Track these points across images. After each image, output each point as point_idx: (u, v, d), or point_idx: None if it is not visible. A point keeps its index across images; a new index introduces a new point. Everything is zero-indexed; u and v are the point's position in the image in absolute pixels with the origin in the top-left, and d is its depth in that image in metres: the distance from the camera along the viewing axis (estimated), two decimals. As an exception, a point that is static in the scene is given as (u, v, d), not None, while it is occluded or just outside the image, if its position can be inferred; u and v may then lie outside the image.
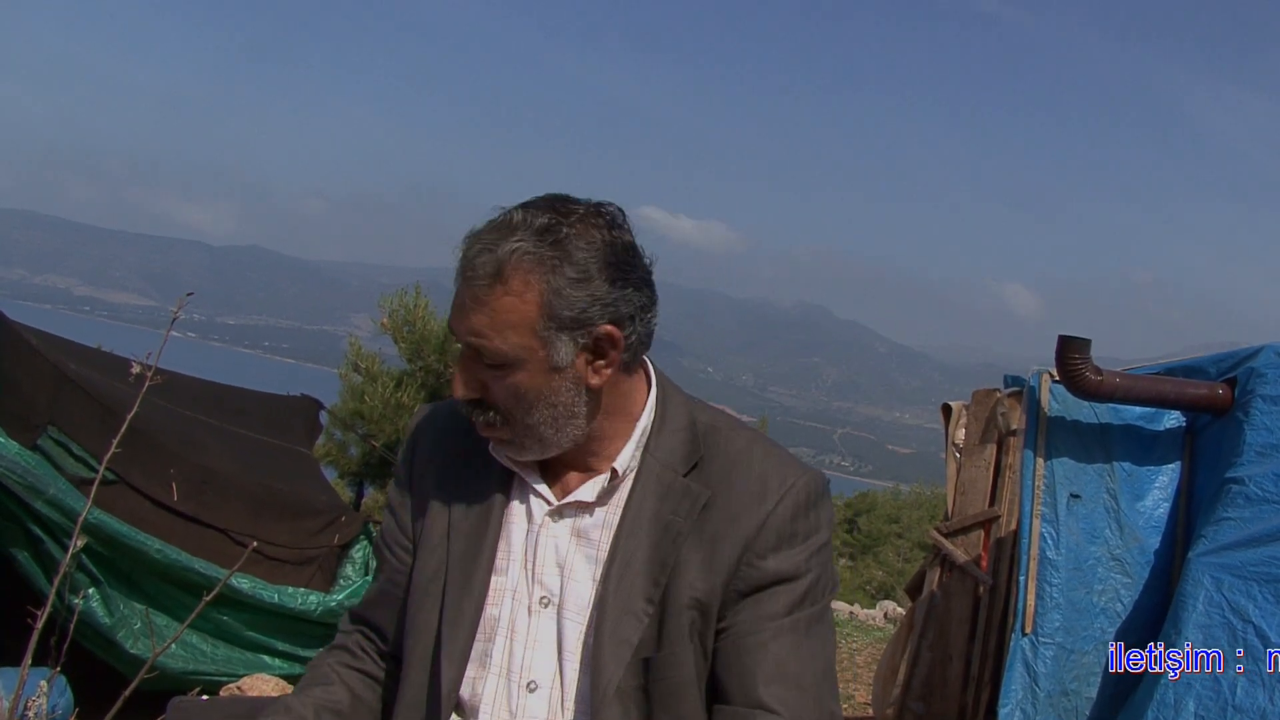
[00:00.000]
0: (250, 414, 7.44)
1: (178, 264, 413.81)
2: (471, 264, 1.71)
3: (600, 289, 1.72)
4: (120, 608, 5.22)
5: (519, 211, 1.72)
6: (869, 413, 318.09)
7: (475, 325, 1.71)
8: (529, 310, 1.70)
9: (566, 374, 1.75)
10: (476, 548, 1.88)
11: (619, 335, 1.76)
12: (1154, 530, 4.69)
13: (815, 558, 1.81)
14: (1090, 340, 4.38)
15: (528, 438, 1.80)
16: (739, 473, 1.83)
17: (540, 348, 1.72)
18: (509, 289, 1.69)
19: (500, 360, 1.73)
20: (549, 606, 1.85)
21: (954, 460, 5.45)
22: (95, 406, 5.49)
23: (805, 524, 1.81)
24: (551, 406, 1.76)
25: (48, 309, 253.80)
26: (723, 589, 1.78)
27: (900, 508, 33.41)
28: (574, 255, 1.70)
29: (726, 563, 1.78)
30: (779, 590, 1.78)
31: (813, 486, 1.84)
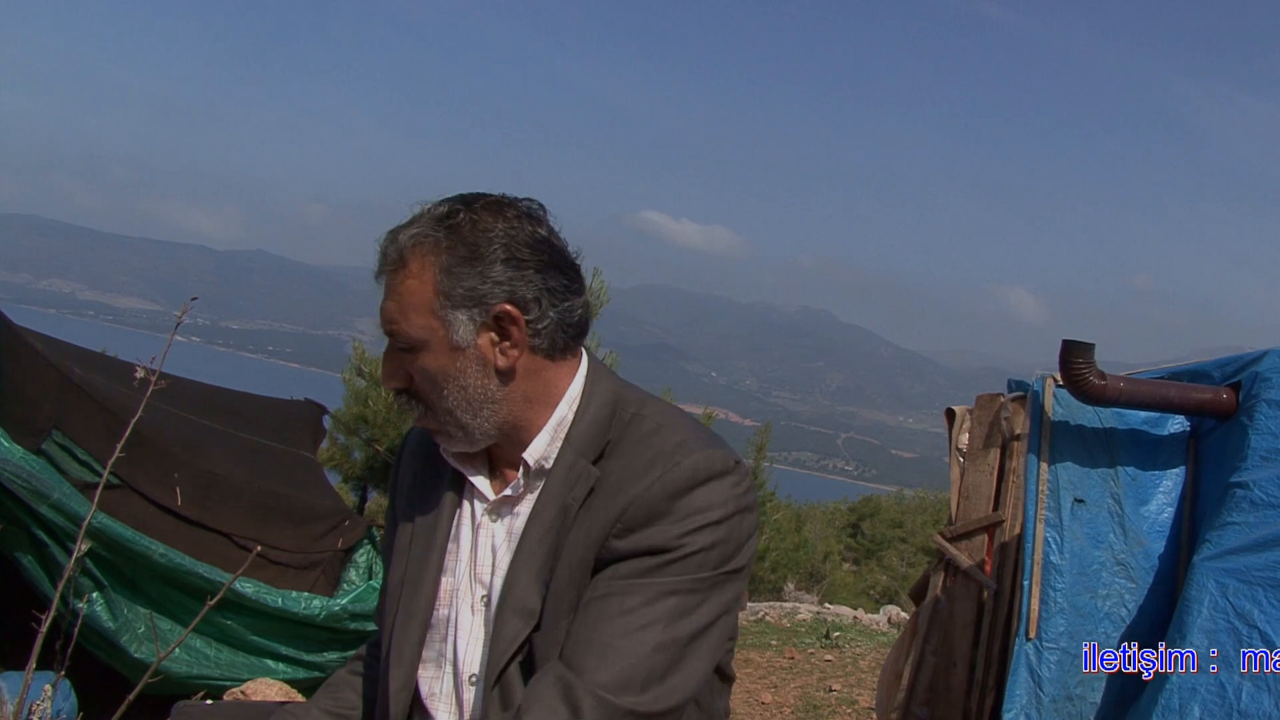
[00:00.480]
0: (254, 418, 7.44)
1: (182, 269, 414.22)
2: (382, 255, 1.81)
3: (494, 269, 1.78)
4: (124, 612, 5.22)
5: (425, 205, 1.83)
6: (873, 417, 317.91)
7: (387, 312, 1.81)
8: (426, 290, 1.77)
9: (469, 354, 1.81)
10: (427, 551, 1.94)
11: (518, 314, 1.80)
12: (1158, 535, 4.69)
13: (695, 536, 1.78)
14: (1094, 345, 4.37)
15: (449, 424, 1.85)
16: (635, 453, 1.84)
17: (440, 327, 1.78)
18: (409, 272, 1.78)
19: (409, 343, 1.80)
20: (489, 604, 1.89)
21: (957, 465, 5.45)
22: (100, 411, 5.49)
23: (685, 502, 1.78)
24: (461, 389, 1.82)
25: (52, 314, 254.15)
26: (594, 562, 1.81)
27: (904, 512, 33.41)
28: (466, 237, 1.78)
29: (598, 537, 1.81)
30: (643, 559, 1.78)
31: (701, 466, 1.81)
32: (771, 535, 19.40)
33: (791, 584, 19.54)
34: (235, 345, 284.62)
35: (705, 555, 1.78)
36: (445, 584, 1.94)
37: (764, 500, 19.12)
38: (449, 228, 1.78)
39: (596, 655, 1.72)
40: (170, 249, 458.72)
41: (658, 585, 1.76)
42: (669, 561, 1.77)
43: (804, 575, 21.67)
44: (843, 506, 35.11)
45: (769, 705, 8.56)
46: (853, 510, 34.28)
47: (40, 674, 3.85)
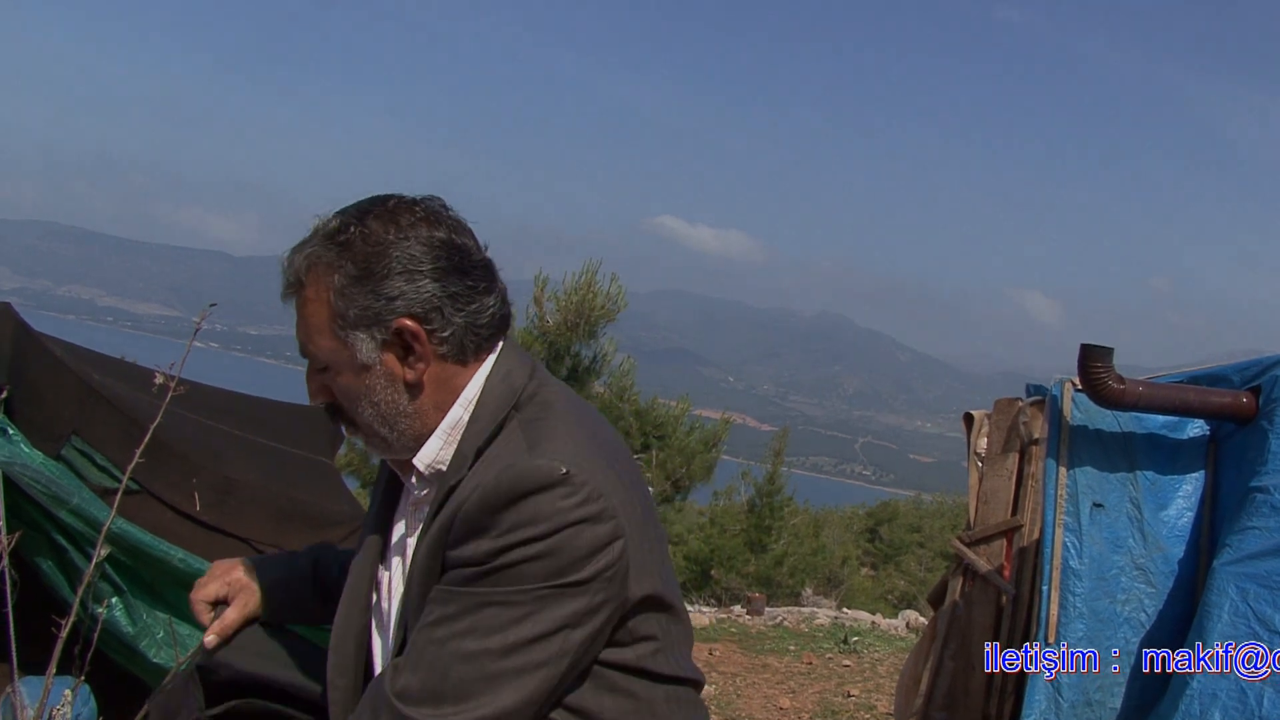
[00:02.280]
0: (272, 424, 7.46)
1: (200, 274, 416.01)
2: (283, 276, 1.80)
3: (387, 284, 1.73)
4: (143, 617, 5.23)
5: (323, 219, 1.77)
6: (890, 422, 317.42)
7: (297, 332, 1.82)
8: (323, 312, 1.76)
9: (377, 371, 1.78)
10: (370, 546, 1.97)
11: (419, 329, 1.76)
12: (1178, 539, 4.67)
13: (516, 550, 1.69)
14: (1113, 349, 4.36)
15: (370, 437, 1.86)
16: (486, 461, 1.79)
17: (343, 348, 1.77)
18: (306, 296, 1.78)
19: (320, 363, 1.81)
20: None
21: (976, 469, 5.43)
22: (119, 417, 5.51)
23: (504, 516, 1.69)
24: (373, 405, 1.80)
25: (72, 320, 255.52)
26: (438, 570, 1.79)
27: (922, 517, 33.38)
28: (357, 253, 1.73)
29: (437, 545, 1.78)
30: (459, 571, 1.73)
31: (523, 479, 1.71)
32: (789, 540, 19.39)
33: (809, 589, 19.52)
34: (253, 350, 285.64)
35: (528, 567, 1.69)
36: (383, 578, 1.95)
37: (782, 505, 19.10)
38: (340, 245, 1.74)
39: (408, 663, 1.69)
40: (188, 255, 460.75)
41: (476, 595, 1.70)
42: (487, 572, 1.70)
43: (822, 580, 21.64)
44: (860, 511, 35.07)
45: (787, 710, 8.55)
46: (870, 515, 34.24)
47: (60, 679, 3.87)
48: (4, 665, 4.64)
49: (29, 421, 5.11)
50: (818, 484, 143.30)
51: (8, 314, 5.26)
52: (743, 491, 19.21)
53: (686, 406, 14.14)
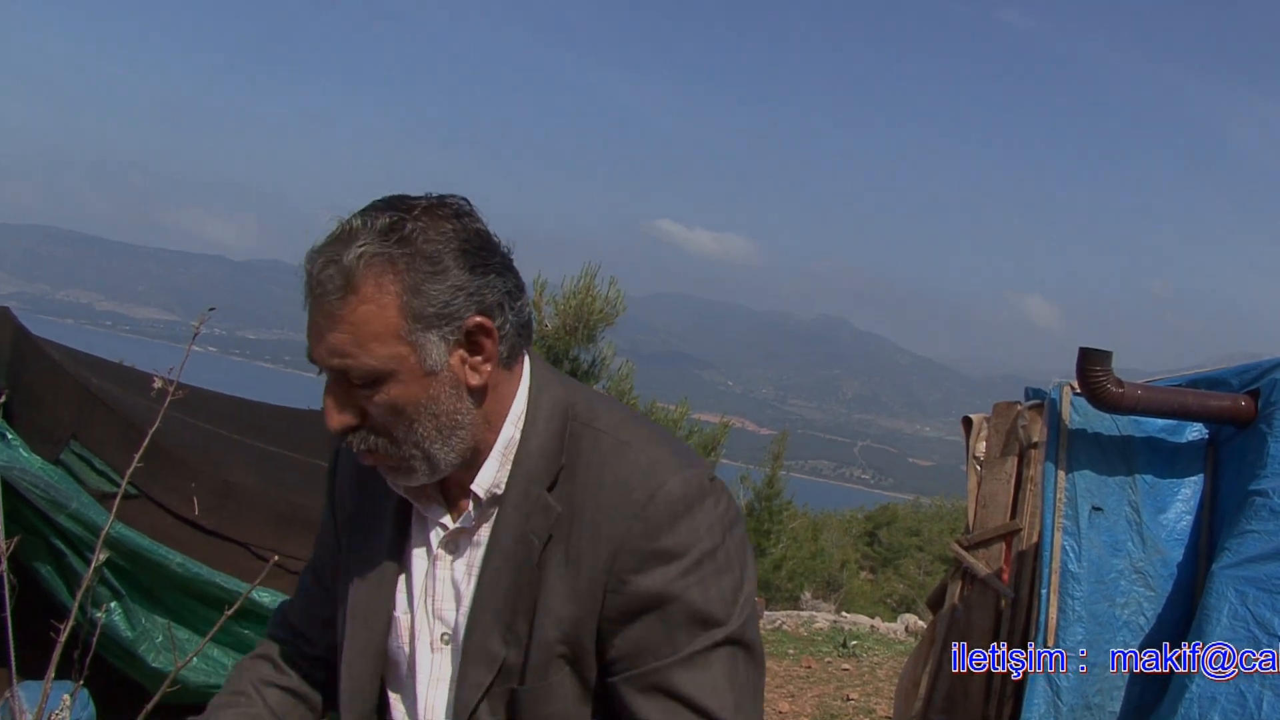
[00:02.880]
0: (271, 428, 7.46)
1: (199, 279, 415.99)
2: (317, 281, 1.58)
3: (460, 278, 1.59)
4: (142, 621, 5.23)
5: (357, 218, 1.60)
6: (890, 425, 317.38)
7: (335, 345, 1.57)
8: (389, 315, 1.56)
9: (443, 377, 1.61)
10: (377, 585, 1.79)
11: (491, 325, 1.62)
12: (1177, 543, 4.67)
13: (695, 573, 1.61)
14: (1111, 352, 4.36)
15: (414, 458, 1.65)
16: (604, 481, 1.65)
17: (410, 353, 1.58)
18: (363, 297, 1.56)
19: (371, 377, 1.58)
20: (450, 643, 1.74)
21: (975, 473, 5.44)
22: (118, 421, 5.51)
23: (675, 537, 1.61)
24: (434, 417, 1.62)
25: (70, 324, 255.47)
26: (592, 618, 1.63)
27: (921, 520, 33.39)
28: (424, 248, 1.58)
29: (590, 589, 1.63)
30: (656, 616, 1.61)
31: (680, 491, 1.63)
32: (788, 544, 19.39)
33: (809, 592, 19.52)
34: (252, 355, 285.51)
35: (715, 594, 1.63)
36: (402, 621, 1.77)
37: (781, 509, 19.10)
38: (401, 240, 1.57)
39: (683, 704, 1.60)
40: (187, 259, 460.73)
41: (700, 645, 1.61)
42: (690, 611, 1.61)
43: (821, 584, 21.65)
44: (860, 515, 35.08)
45: (786, 714, 8.55)
46: (870, 519, 34.24)
47: (59, 683, 3.87)
48: (3, 670, 4.63)
49: (28, 426, 5.11)
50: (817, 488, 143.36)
51: (6, 318, 5.27)
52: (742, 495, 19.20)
53: (686, 410, 14.14)
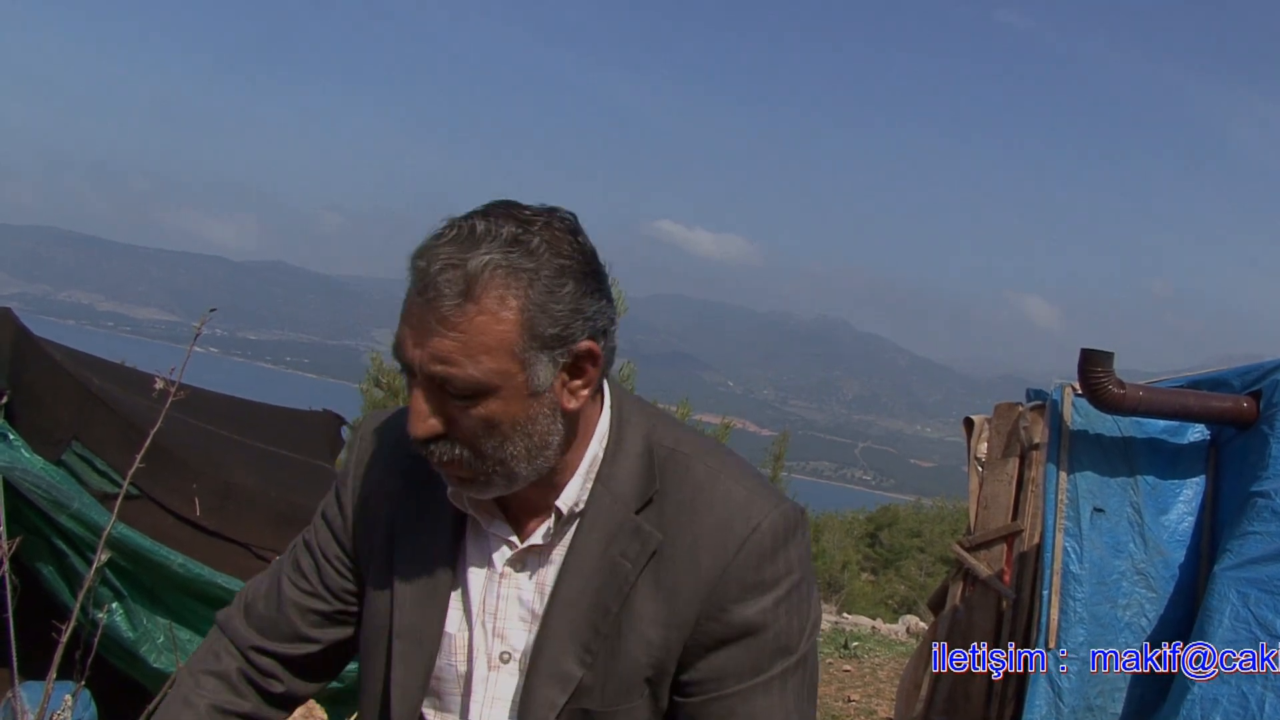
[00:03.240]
0: (272, 429, 7.46)
1: (200, 279, 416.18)
2: (433, 282, 1.49)
3: (579, 300, 1.54)
4: (144, 622, 5.24)
5: (479, 220, 1.52)
6: (890, 426, 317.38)
7: (442, 351, 1.50)
8: (506, 330, 1.50)
9: (544, 399, 1.56)
10: (429, 599, 1.72)
11: (599, 351, 1.58)
12: (1179, 544, 4.67)
13: (786, 603, 1.63)
14: (1113, 353, 4.36)
15: (496, 474, 1.59)
16: (699, 511, 1.65)
17: (519, 371, 1.52)
18: (482, 307, 1.49)
19: (472, 389, 1.51)
20: (510, 662, 1.70)
21: (976, 474, 5.43)
22: (119, 422, 5.52)
23: (773, 568, 1.62)
24: (527, 437, 1.57)
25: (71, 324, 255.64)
26: (682, 643, 1.63)
27: (922, 522, 33.39)
28: (549, 265, 1.52)
29: (686, 616, 1.62)
30: (747, 644, 1.63)
31: (782, 524, 1.64)
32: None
33: (810, 594, 19.53)
34: (253, 356, 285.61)
35: (800, 623, 1.66)
36: (456, 638, 1.72)
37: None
38: (527, 253, 1.50)
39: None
40: (188, 260, 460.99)
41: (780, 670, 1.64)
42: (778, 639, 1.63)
43: (822, 585, 21.65)
44: (861, 516, 35.08)
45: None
46: (871, 520, 34.24)
47: (60, 684, 3.87)
48: (5, 670, 4.63)
49: (29, 426, 5.11)
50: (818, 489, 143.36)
51: (8, 319, 5.27)
52: (743, 497, 19.21)
53: (687, 411, 14.14)
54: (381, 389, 11.26)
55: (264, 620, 1.86)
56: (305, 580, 1.85)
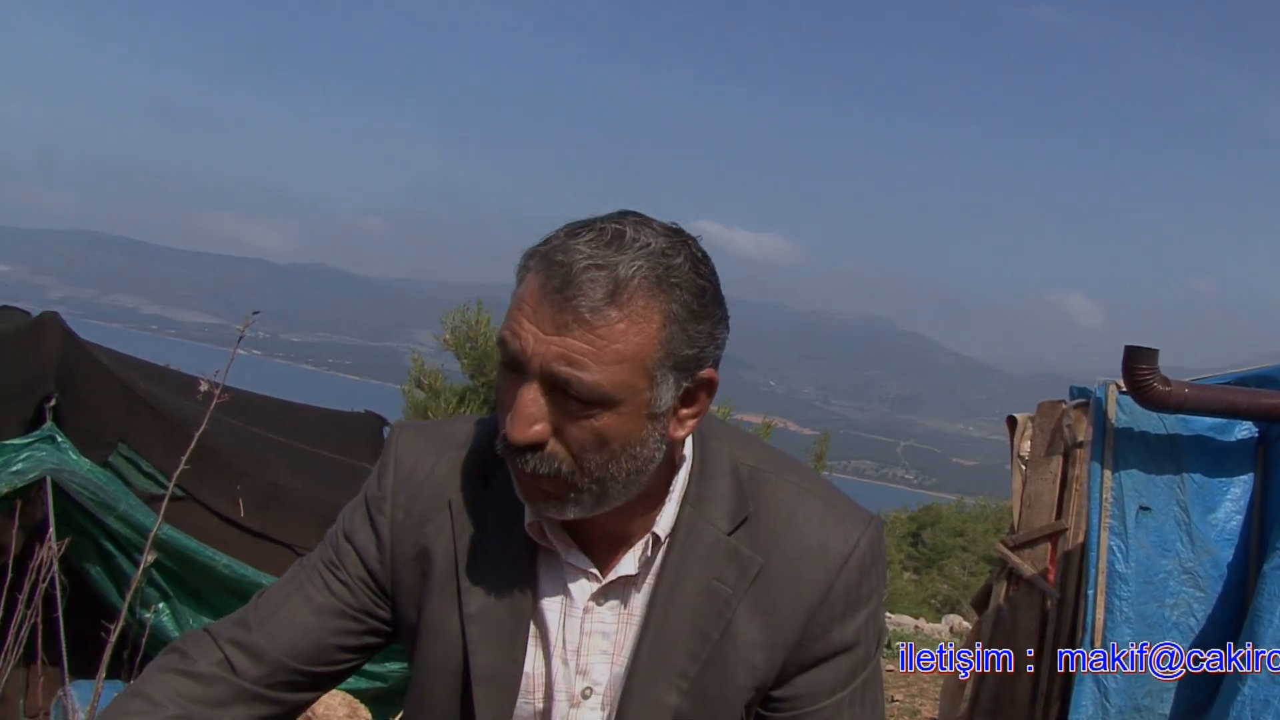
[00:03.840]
0: (315, 430, 7.51)
1: (242, 283, 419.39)
2: (576, 279, 1.39)
3: (715, 327, 1.48)
4: (189, 622, 5.29)
5: (626, 226, 1.44)
6: (932, 425, 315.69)
7: (572, 351, 1.39)
8: (645, 343, 1.41)
9: (658, 423, 1.47)
10: (509, 638, 1.62)
11: (717, 381, 1.51)
12: (1227, 543, 4.62)
13: (873, 618, 1.64)
14: (1158, 350, 4.32)
15: (587, 494, 1.49)
16: (794, 533, 1.60)
17: (646, 389, 1.43)
18: (626, 314, 1.40)
19: (595, 397, 1.41)
20: (591, 697, 1.62)
21: (1019, 473, 5.40)
22: (164, 424, 5.57)
23: (869, 585, 1.62)
24: (633, 459, 1.47)
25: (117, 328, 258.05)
26: (781, 665, 1.60)
27: (965, 521, 33.19)
28: (693, 285, 1.44)
29: (789, 638, 1.59)
30: (840, 660, 1.62)
31: (874, 541, 1.63)
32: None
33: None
34: (295, 358, 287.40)
35: (878, 634, 1.67)
36: (534, 677, 1.63)
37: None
38: (674, 269, 1.43)
39: None
40: (230, 263, 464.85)
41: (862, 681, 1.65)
42: (865, 652, 1.64)
43: (864, 584, 21.58)
44: (903, 515, 34.91)
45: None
46: (913, 519, 34.08)
47: (109, 683, 3.91)
48: (55, 669, 4.69)
49: (77, 429, 5.17)
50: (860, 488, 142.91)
51: (55, 324, 5.33)
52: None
53: (728, 411, 14.13)
54: (423, 390, 11.30)
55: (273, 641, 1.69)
56: (324, 602, 1.71)
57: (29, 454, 4.84)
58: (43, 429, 4.96)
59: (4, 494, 4.68)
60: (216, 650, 1.67)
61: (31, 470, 4.75)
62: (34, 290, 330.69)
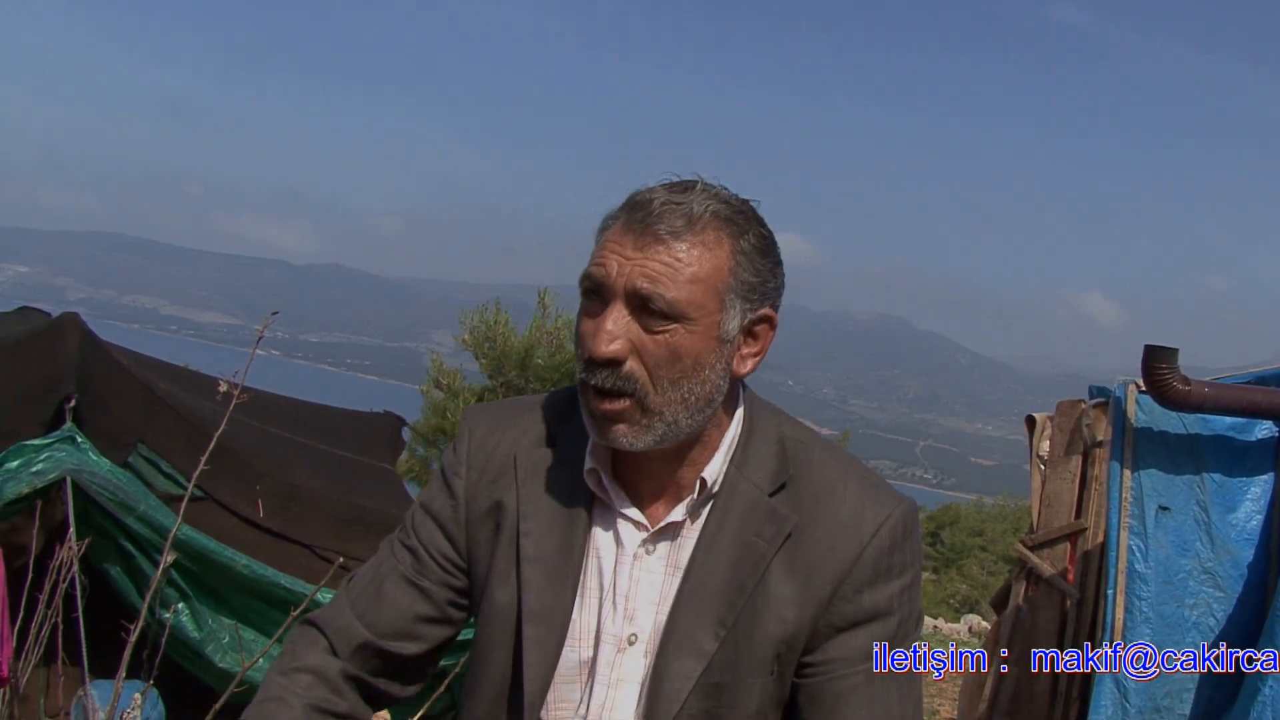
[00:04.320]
0: (334, 431, 7.53)
1: (261, 283, 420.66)
2: (655, 211, 1.59)
3: (774, 268, 1.67)
4: (209, 622, 5.31)
5: (698, 182, 1.65)
6: (951, 425, 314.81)
7: (654, 268, 1.57)
8: (718, 266, 1.60)
9: (725, 350, 1.63)
10: (559, 581, 1.73)
11: (776, 321, 1.70)
12: (1247, 542, 4.59)
13: (907, 593, 1.72)
14: (1177, 349, 4.30)
15: (659, 417, 1.63)
16: (833, 500, 1.72)
17: (716, 310, 1.60)
18: (701, 240, 1.59)
19: (673, 311, 1.58)
20: (636, 644, 1.71)
21: (1038, 472, 5.38)
22: (184, 425, 5.59)
23: (900, 557, 1.71)
24: (701, 383, 1.62)
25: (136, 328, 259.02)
26: (812, 622, 1.69)
27: (984, 520, 33.10)
28: (755, 229, 1.65)
29: (819, 596, 1.68)
30: (872, 627, 1.70)
31: (909, 518, 1.74)
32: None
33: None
34: (314, 358, 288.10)
35: (915, 613, 1.76)
36: (584, 620, 1.73)
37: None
38: (739, 211, 1.64)
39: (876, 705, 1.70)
40: (249, 264, 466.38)
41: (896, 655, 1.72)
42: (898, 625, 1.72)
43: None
44: (922, 515, 34.78)
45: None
46: (932, 519, 34.01)
47: (130, 683, 3.93)
48: (75, 669, 4.71)
49: (97, 430, 5.19)
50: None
51: (75, 325, 5.35)
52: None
53: (747, 410, 14.19)
54: (441, 390, 11.32)
55: (365, 621, 1.81)
56: (409, 579, 1.82)
57: (49, 454, 4.86)
58: (63, 430, 4.98)
59: (24, 494, 4.70)
60: (321, 639, 1.81)
61: (51, 471, 4.77)
62: (53, 291, 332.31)
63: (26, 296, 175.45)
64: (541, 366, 10.70)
